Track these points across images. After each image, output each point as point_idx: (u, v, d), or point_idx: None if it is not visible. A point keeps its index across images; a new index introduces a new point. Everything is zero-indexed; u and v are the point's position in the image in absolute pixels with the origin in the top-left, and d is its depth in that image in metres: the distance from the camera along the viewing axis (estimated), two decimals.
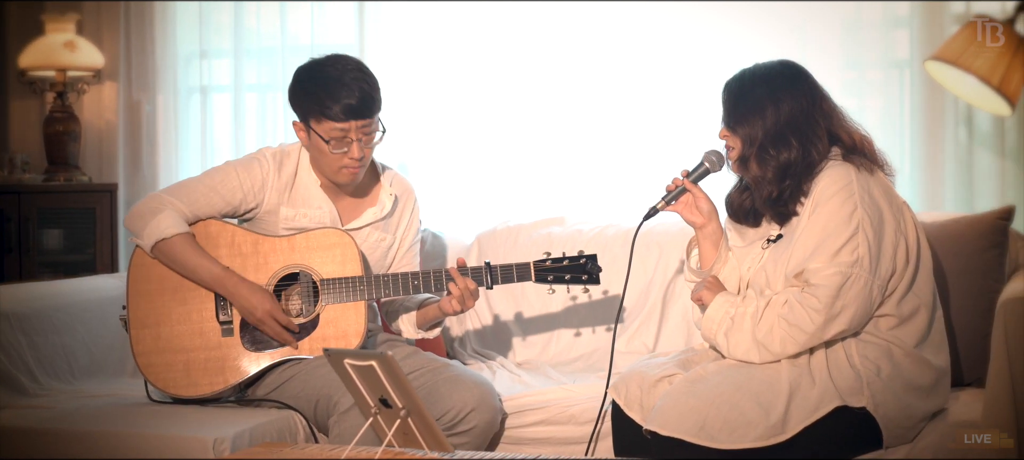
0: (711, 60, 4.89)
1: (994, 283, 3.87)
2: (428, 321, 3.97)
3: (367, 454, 3.07)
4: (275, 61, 5.48)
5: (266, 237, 3.84)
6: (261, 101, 5.52)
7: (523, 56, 5.12)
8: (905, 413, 3.37)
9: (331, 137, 3.74)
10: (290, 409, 3.75)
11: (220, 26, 5.56)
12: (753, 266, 3.55)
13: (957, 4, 4.66)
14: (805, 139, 3.45)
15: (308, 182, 3.90)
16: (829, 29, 4.80)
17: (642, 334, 4.43)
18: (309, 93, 3.76)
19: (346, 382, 3.03)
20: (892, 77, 4.83)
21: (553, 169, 5.12)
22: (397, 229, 4.03)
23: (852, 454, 3.38)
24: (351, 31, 5.38)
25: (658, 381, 3.52)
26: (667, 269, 4.46)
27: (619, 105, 5.04)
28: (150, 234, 3.75)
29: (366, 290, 3.79)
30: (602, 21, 5.01)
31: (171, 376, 3.79)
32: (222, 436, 3.45)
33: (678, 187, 3.64)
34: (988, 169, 4.67)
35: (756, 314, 3.38)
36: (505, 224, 4.77)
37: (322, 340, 3.78)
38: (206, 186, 3.85)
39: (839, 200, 3.35)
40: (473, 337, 4.63)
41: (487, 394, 3.70)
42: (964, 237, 3.91)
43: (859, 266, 3.30)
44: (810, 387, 3.32)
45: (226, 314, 3.80)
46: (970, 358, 3.84)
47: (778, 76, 3.52)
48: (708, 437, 3.28)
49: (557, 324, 4.56)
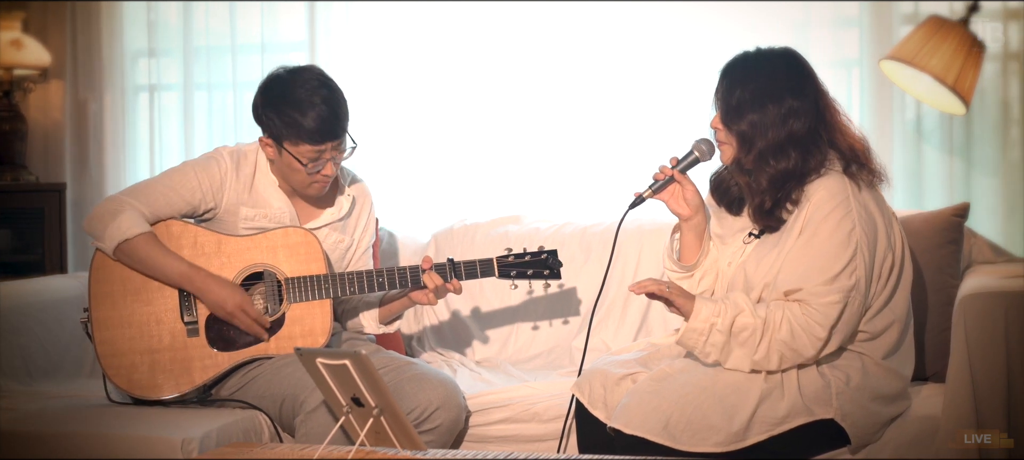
0: (665, 60, 4.92)
1: (950, 279, 3.93)
2: (392, 314, 4.00)
3: (340, 454, 3.08)
4: (225, 60, 5.44)
5: (229, 237, 3.83)
6: (210, 100, 5.49)
7: (477, 55, 5.12)
8: (871, 420, 3.39)
9: (308, 159, 3.75)
10: (254, 409, 3.74)
11: (168, 24, 5.52)
12: (734, 262, 3.52)
13: (906, 4, 4.71)
14: (806, 151, 3.37)
15: (266, 182, 3.90)
16: (779, 28, 4.81)
17: (600, 331, 4.45)
18: (282, 115, 3.75)
19: (318, 381, 3.03)
20: (841, 76, 4.86)
21: (508, 168, 5.13)
22: (354, 231, 4.04)
23: (816, 454, 3.41)
24: (301, 30, 5.35)
25: (621, 379, 3.51)
26: (625, 266, 4.48)
27: (574, 104, 5.05)
28: (112, 236, 3.73)
29: (331, 288, 3.79)
30: (555, 20, 5.02)
31: (136, 378, 3.77)
32: (190, 437, 3.44)
33: (666, 176, 3.56)
34: (937, 167, 4.72)
35: (752, 333, 3.29)
36: (462, 223, 4.78)
37: (289, 339, 3.78)
38: (165, 186, 3.83)
39: (837, 218, 3.30)
40: (431, 335, 4.63)
41: (452, 392, 3.72)
42: (920, 234, 3.96)
43: (857, 290, 3.28)
44: (779, 398, 3.31)
45: (191, 314, 3.79)
46: (929, 353, 3.90)
47: (783, 75, 3.41)
48: (670, 437, 3.28)
49: (515, 321, 4.57)
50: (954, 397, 3.37)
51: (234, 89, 5.41)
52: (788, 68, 3.43)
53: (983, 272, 3.85)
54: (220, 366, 3.79)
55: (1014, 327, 3.34)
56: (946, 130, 4.68)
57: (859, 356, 3.41)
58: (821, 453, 3.41)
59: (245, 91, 5.39)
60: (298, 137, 3.73)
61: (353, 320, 4.06)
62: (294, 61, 5.27)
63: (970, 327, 3.39)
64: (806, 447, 3.38)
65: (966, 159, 4.66)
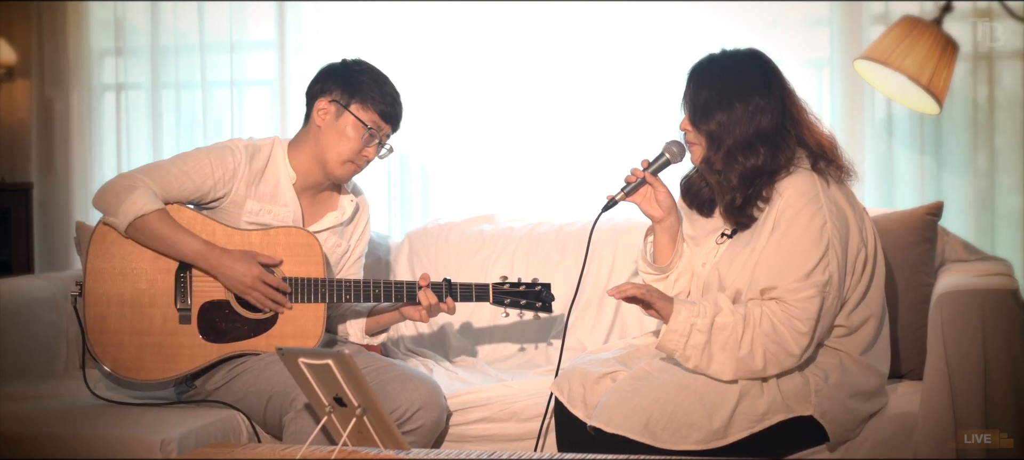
0: (637, 61, 4.94)
1: (925, 277, 3.96)
2: (379, 327, 4.02)
3: (322, 454, 3.07)
4: (193, 59, 5.41)
5: (235, 230, 3.83)
6: (178, 99, 5.45)
7: (449, 55, 5.12)
8: (850, 416, 3.41)
9: (371, 125, 3.84)
10: (232, 409, 3.74)
11: (136, 23, 5.48)
12: (707, 263, 3.54)
13: (876, 4, 4.74)
14: (774, 147, 3.40)
15: (280, 178, 3.91)
16: (750, 29, 4.83)
17: (576, 330, 4.44)
18: (363, 79, 3.89)
19: (299, 382, 3.03)
20: (812, 76, 4.89)
21: (482, 167, 5.13)
22: (352, 237, 4.07)
23: (796, 451, 3.43)
24: (270, 29, 5.33)
25: (601, 378, 3.52)
26: (600, 266, 4.48)
27: (548, 104, 5.06)
28: (127, 211, 3.71)
29: (328, 293, 3.79)
30: (528, 21, 5.02)
31: (122, 357, 3.76)
32: (168, 437, 3.44)
33: (638, 178, 3.59)
34: (907, 166, 4.76)
35: (733, 331, 3.30)
36: (436, 222, 4.77)
37: (280, 338, 3.79)
38: (178, 169, 3.82)
39: (808, 214, 3.33)
40: (407, 336, 4.62)
41: (434, 392, 3.71)
42: (895, 232, 3.98)
43: (830, 285, 3.30)
44: (758, 396, 3.33)
45: (184, 302, 3.78)
46: (905, 350, 3.93)
47: (749, 74, 3.45)
48: (651, 435, 3.30)
49: (490, 322, 4.57)
50: (931, 394, 3.40)
51: (202, 88, 5.38)
52: (754, 67, 3.48)
53: (958, 270, 3.88)
54: (208, 356, 3.79)
55: (990, 324, 3.37)
56: (917, 129, 4.71)
57: (837, 352, 3.43)
58: (800, 450, 3.43)
59: (213, 90, 5.38)
60: (372, 103, 3.86)
61: (341, 326, 4.05)
62: (263, 61, 5.34)
63: (947, 325, 3.41)
64: (786, 444, 3.40)
65: (936, 158, 4.69)
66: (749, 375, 3.33)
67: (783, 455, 3.39)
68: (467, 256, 4.57)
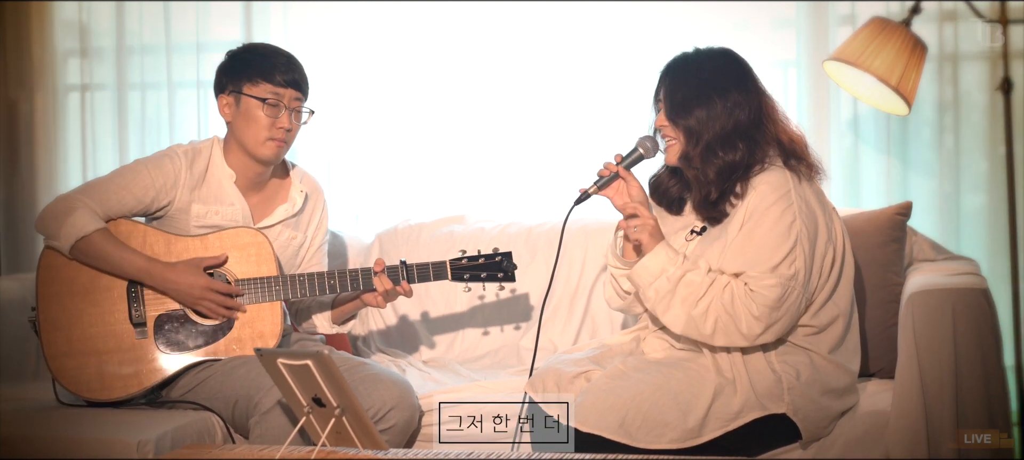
0: (606, 61, 4.94)
1: (894, 276, 4.00)
2: (345, 315, 4.02)
3: (301, 454, 3.07)
4: (159, 59, 5.38)
5: (179, 237, 3.81)
6: (143, 100, 5.42)
7: (417, 55, 5.10)
8: (822, 414, 3.44)
9: (267, 97, 3.81)
10: (206, 410, 3.72)
11: (100, 24, 5.45)
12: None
13: (843, 5, 4.77)
14: (752, 142, 3.44)
15: (221, 177, 3.89)
16: (717, 30, 4.84)
17: (548, 330, 4.45)
18: (246, 60, 3.88)
19: (278, 382, 3.03)
20: (778, 77, 4.91)
21: (452, 167, 5.12)
22: (308, 228, 4.05)
23: (769, 450, 3.45)
24: (237, 29, 5.31)
25: (575, 377, 3.54)
26: (571, 266, 4.50)
27: (517, 103, 5.06)
28: (68, 234, 3.70)
29: (282, 290, 3.78)
30: (497, 20, 5.02)
31: (84, 379, 3.74)
32: (145, 438, 3.43)
33: (611, 173, 3.60)
34: (874, 167, 4.79)
35: (696, 290, 3.35)
36: (406, 223, 4.76)
37: (238, 340, 3.78)
38: (117, 185, 3.81)
39: (779, 210, 3.36)
40: (377, 336, 4.62)
41: (406, 392, 3.72)
42: (864, 232, 4.02)
43: (795, 280, 3.33)
44: (732, 395, 3.36)
45: (139, 315, 3.76)
46: (874, 349, 3.96)
47: (726, 72, 3.49)
48: (627, 435, 3.33)
49: (462, 321, 4.57)
50: (903, 392, 3.43)
51: (168, 89, 5.35)
52: (730, 64, 3.53)
53: (927, 270, 3.91)
54: (169, 368, 3.77)
55: (961, 323, 3.41)
56: (883, 130, 4.74)
57: (806, 352, 3.46)
58: (774, 448, 3.46)
59: (180, 91, 5.34)
60: (260, 75, 3.84)
61: (307, 321, 4.04)
62: None
63: (918, 323, 3.45)
64: (759, 442, 3.43)
65: (903, 159, 4.73)
66: (697, 336, 3.38)
67: (757, 453, 3.42)
68: (437, 256, 4.52)
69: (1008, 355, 3.55)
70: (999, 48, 4.43)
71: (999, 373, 3.41)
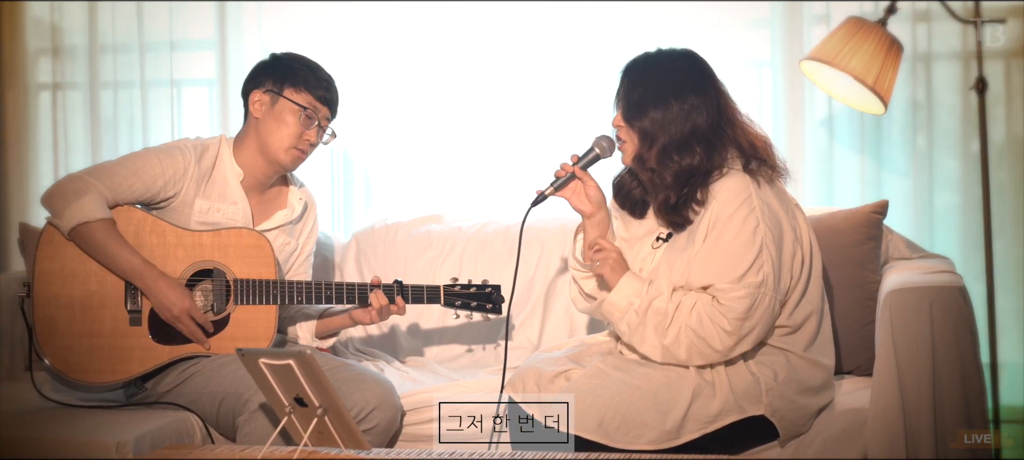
0: (580, 60, 4.95)
1: (871, 274, 4.02)
2: (329, 330, 4.02)
3: (283, 454, 3.06)
4: (132, 58, 5.36)
5: (186, 230, 3.82)
6: (116, 99, 5.39)
7: (394, 54, 5.10)
8: (800, 413, 3.46)
9: (306, 107, 3.85)
10: (184, 410, 3.72)
11: (72, 22, 5.42)
12: (645, 268, 3.55)
13: (817, 5, 4.79)
14: (710, 146, 3.43)
15: (227, 176, 3.90)
16: (691, 29, 4.86)
17: (526, 329, 4.47)
18: (292, 66, 3.92)
19: (259, 382, 3.03)
20: (752, 77, 4.93)
21: (426, 166, 5.11)
22: (301, 235, 4.07)
23: (747, 449, 3.47)
24: (211, 29, 5.29)
25: (555, 377, 3.54)
26: (550, 264, 4.50)
27: (492, 102, 5.06)
28: (72, 216, 3.70)
29: (279, 294, 3.79)
30: (471, 20, 5.02)
31: (72, 359, 3.74)
32: (124, 439, 3.42)
33: (567, 173, 3.60)
34: (847, 166, 4.81)
35: (664, 318, 3.37)
36: (383, 222, 4.75)
37: (231, 340, 3.78)
38: (128, 171, 3.81)
39: (741, 217, 3.35)
40: (356, 337, 4.61)
41: (388, 392, 3.72)
42: (840, 230, 4.04)
43: (765, 286, 3.33)
44: (711, 397, 3.37)
45: (135, 303, 3.77)
46: (850, 347, 3.98)
47: (684, 74, 3.48)
48: (605, 435, 3.34)
49: (438, 321, 4.57)
50: (881, 389, 3.46)
51: (141, 88, 5.32)
52: (689, 66, 3.51)
53: (904, 268, 3.94)
54: (159, 359, 3.78)
55: (939, 321, 3.44)
56: (857, 130, 4.77)
57: (783, 352, 3.48)
58: (752, 447, 3.47)
59: (152, 89, 5.32)
60: (305, 85, 3.89)
61: (290, 328, 4.05)
62: (203, 60, 5.29)
63: (896, 321, 3.48)
64: (738, 442, 3.45)
65: (877, 158, 4.75)
66: (674, 362, 3.40)
67: (735, 453, 3.43)
68: (415, 256, 4.57)
69: (983, 353, 3.57)
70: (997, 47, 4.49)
71: (976, 370, 3.44)
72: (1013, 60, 4.68)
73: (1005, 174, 4.69)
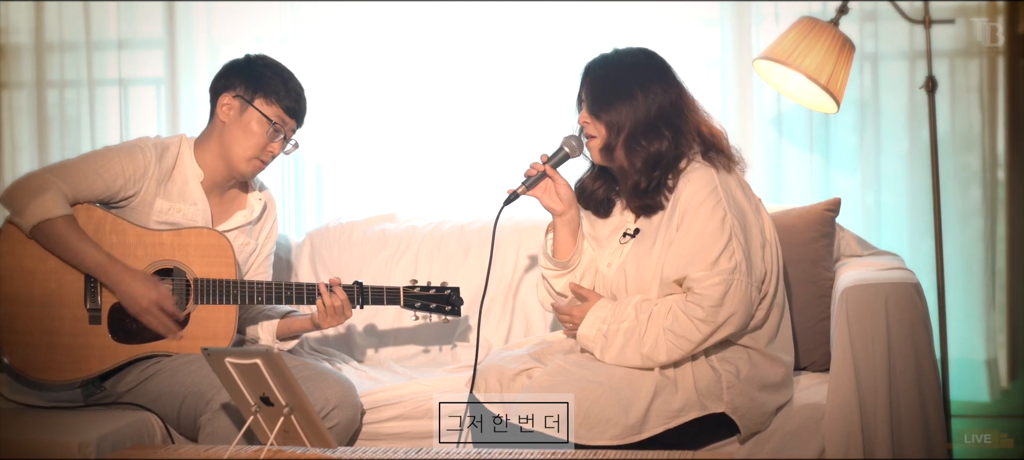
0: (534, 60, 4.96)
1: (825, 271, 4.06)
2: (291, 332, 4.01)
3: (249, 453, 3.06)
4: (79, 57, 5.31)
5: (146, 229, 3.80)
6: (62, 98, 5.35)
7: (346, 50, 5.08)
8: (760, 410, 3.50)
9: (275, 120, 3.84)
10: (144, 410, 3.71)
11: (18, 20, 5.36)
12: (613, 263, 3.59)
13: (766, 5, 4.84)
14: (677, 131, 3.49)
15: (188, 176, 3.89)
16: (640, 29, 4.88)
17: (484, 327, 4.43)
18: (266, 75, 3.89)
19: (225, 382, 3.02)
20: (702, 75, 4.96)
21: (378, 165, 5.10)
22: (260, 235, 4.07)
23: (708, 444, 3.51)
24: (159, 27, 5.26)
25: (517, 374, 3.57)
26: (516, 262, 4.52)
27: (445, 101, 5.06)
28: (33, 213, 3.67)
29: (239, 294, 3.78)
30: (424, 18, 5.01)
31: (31, 357, 3.72)
32: (86, 440, 3.40)
33: (539, 172, 3.64)
34: (797, 164, 4.86)
35: (639, 329, 3.41)
36: (337, 221, 4.74)
37: (191, 339, 3.76)
38: (89, 169, 3.79)
39: (709, 207, 3.41)
40: (311, 337, 4.59)
41: (349, 391, 3.72)
42: (794, 228, 4.07)
43: (738, 271, 3.37)
44: (673, 393, 3.41)
45: (94, 302, 3.74)
46: (805, 343, 4.02)
47: (646, 66, 3.55)
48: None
49: (395, 321, 4.56)
50: (838, 385, 3.51)
51: (89, 87, 5.28)
52: (649, 59, 3.60)
53: (857, 265, 3.99)
54: (119, 357, 3.76)
55: (894, 317, 3.50)
56: (806, 128, 4.82)
57: (746, 349, 3.51)
58: (713, 442, 3.51)
59: (100, 88, 5.27)
60: (276, 97, 3.87)
61: (251, 328, 4.04)
62: (152, 59, 5.25)
63: (852, 318, 3.53)
64: (699, 438, 3.48)
65: (825, 157, 4.81)
66: (658, 366, 3.42)
67: (696, 448, 3.46)
68: (370, 255, 4.56)
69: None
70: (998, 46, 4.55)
71: (932, 366, 3.50)
72: (957, 59, 4.75)
73: (950, 170, 4.74)
